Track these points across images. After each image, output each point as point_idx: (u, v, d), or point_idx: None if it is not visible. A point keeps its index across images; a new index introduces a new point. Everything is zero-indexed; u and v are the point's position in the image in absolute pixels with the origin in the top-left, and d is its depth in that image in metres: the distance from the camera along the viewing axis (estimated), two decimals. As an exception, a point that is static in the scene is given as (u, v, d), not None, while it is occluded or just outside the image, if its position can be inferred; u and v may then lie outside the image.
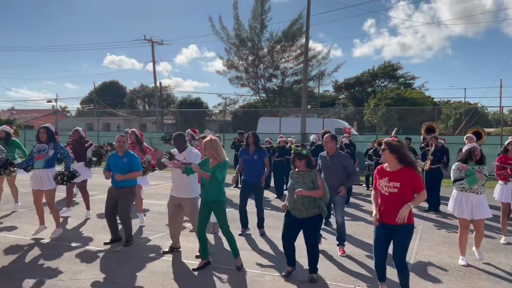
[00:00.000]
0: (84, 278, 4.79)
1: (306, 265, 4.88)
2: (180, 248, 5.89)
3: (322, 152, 6.10)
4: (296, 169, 4.83)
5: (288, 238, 4.82)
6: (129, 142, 7.92)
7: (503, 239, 6.59)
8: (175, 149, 5.78)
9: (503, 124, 24.16)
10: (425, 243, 6.44)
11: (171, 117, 43.14)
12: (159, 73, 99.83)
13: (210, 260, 5.21)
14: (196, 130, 8.68)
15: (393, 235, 4.06)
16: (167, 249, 5.80)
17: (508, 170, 6.43)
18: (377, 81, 46.43)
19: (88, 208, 8.17)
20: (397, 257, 4.06)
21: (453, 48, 77.52)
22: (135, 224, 6.84)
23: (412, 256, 5.75)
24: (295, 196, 4.60)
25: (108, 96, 57.23)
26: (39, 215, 6.49)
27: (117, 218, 6.16)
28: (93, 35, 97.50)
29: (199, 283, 4.69)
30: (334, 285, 4.66)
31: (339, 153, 5.93)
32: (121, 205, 6.05)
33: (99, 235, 6.67)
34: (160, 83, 40.82)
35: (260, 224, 6.86)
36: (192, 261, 5.39)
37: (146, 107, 58.91)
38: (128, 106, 55.20)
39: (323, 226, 7.28)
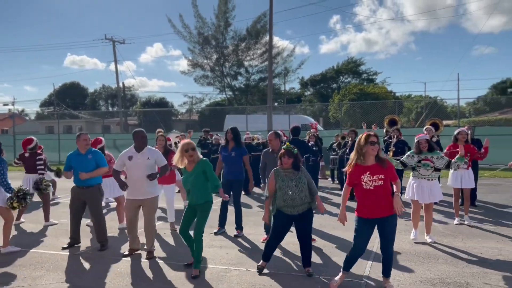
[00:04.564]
0: (45, 283, 4.65)
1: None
2: (140, 249, 5.70)
3: (266, 149, 6.25)
4: (283, 167, 4.70)
5: (279, 236, 4.80)
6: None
7: (455, 221, 7.15)
8: (132, 148, 5.48)
9: (460, 116, 25.21)
10: (388, 232, 6.65)
11: (135, 118, 42.37)
12: (121, 73, 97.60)
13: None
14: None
15: (381, 228, 4.12)
16: (127, 252, 5.61)
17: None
18: (341, 77, 47.40)
19: (47, 220, 7.58)
20: (389, 248, 4.15)
21: (416, 43, 79.80)
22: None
23: (375, 244, 5.92)
24: (290, 192, 4.57)
25: (69, 98, 55.54)
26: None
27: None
28: (52, 35, 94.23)
29: (164, 282, 4.65)
30: (317, 277, 4.74)
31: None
32: (93, 206, 5.84)
33: (62, 239, 6.48)
34: (123, 83, 39.97)
35: (238, 225, 6.62)
36: (157, 261, 5.34)
37: (110, 108, 57.58)
38: (90, 108, 53.79)
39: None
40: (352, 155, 4.18)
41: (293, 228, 4.84)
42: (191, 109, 42.28)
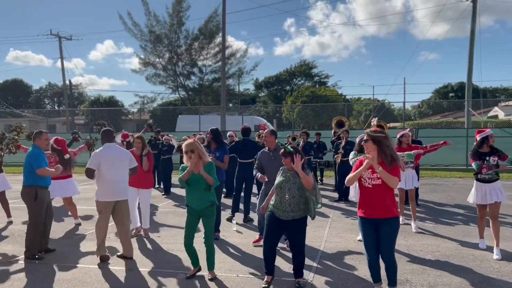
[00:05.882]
0: (-28, 294, 4.32)
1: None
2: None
3: (264, 149, 6.08)
4: (285, 167, 4.48)
5: (271, 240, 4.45)
6: None
7: (401, 220, 7.27)
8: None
9: (406, 118, 26.40)
10: (334, 231, 6.79)
11: (82, 117, 40.75)
12: (68, 70, 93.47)
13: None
14: None
15: (379, 230, 3.88)
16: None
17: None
18: (295, 79, 48.20)
19: (9, 216, 7.75)
20: (388, 253, 3.89)
21: (367, 48, 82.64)
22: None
23: (322, 243, 6.03)
24: (286, 196, 4.31)
25: (11, 95, 52.51)
26: None
27: None
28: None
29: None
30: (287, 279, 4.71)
31: (280, 148, 5.94)
32: (50, 206, 5.68)
33: (3, 246, 6.08)
34: (70, 81, 38.32)
35: (216, 227, 6.34)
36: (115, 267, 5.12)
37: (56, 107, 55.04)
38: (35, 106, 51.12)
39: (242, 222, 7.39)
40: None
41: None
42: (142, 108, 41.27)
